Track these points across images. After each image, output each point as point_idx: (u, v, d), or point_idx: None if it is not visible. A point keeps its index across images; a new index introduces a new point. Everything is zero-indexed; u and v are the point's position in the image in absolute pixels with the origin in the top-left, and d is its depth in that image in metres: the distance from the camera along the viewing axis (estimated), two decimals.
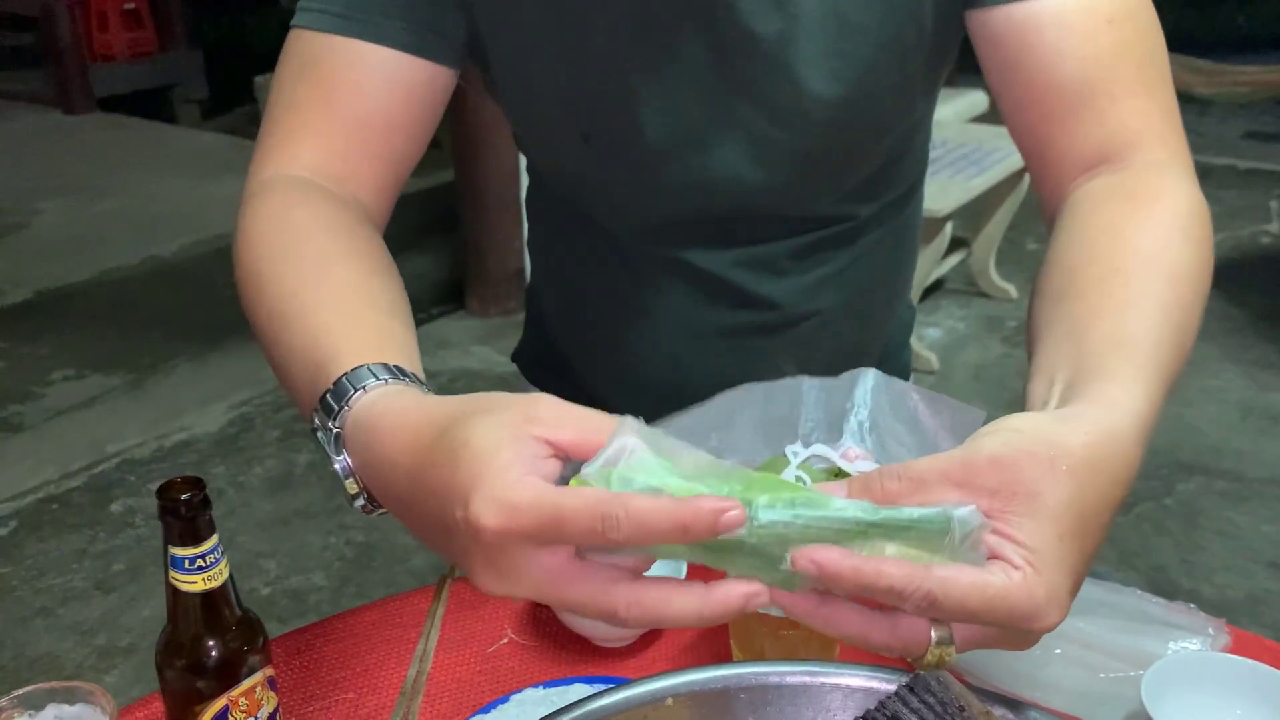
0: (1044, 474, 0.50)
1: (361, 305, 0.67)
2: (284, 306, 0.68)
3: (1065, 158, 0.77)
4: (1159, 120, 0.76)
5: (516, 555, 0.47)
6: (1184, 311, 0.65)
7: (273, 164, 0.78)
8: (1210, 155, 5.61)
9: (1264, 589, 2.44)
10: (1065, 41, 0.75)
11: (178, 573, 0.67)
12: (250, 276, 0.72)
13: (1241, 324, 3.73)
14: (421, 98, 0.81)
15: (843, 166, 0.88)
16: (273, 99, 0.81)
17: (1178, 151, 0.76)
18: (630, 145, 0.84)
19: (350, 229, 0.74)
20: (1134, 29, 0.76)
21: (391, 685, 0.85)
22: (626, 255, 0.94)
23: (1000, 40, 0.77)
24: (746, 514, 0.46)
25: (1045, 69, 0.76)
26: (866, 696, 0.55)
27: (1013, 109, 0.80)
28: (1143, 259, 0.66)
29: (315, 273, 0.69)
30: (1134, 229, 0.69)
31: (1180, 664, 0.78)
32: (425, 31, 0.79)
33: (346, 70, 0.78)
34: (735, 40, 0.78)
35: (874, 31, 0.78)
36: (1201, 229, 0.71)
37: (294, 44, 0.80)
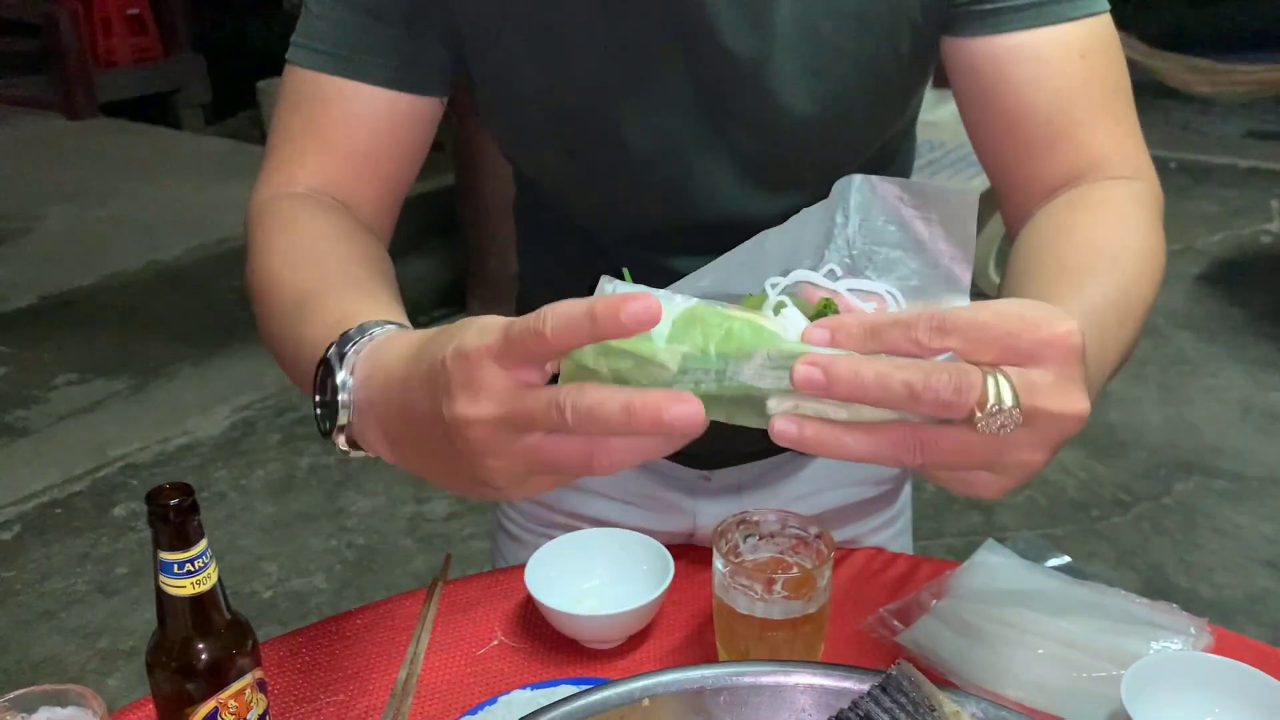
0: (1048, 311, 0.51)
1: (367, 295, 0.71)
2: (300, 301, 0.72)
3: (1033, 182, 0.79)
4: (1124, 144, 0.79)
5: (486, 372, 0.50)
6: (1119, 291, 0.68)
7: (273, 187, 0.83)
8: (1211, 154, 5.61)
9: (1262, 588, 2.44)
10: (1040, 74, 0.77)
11: (167, 577, 0.68)
12: (264, 280, 0.77)
13: (1241, 323, 3.73)
14: (409, 127, 0.85)
15: (823, 179, 0.89)
16: (272, 129, 0.86)
17: (1141, 169, 0.79)
18: (613, 160, 0.85)
19: (350, 233, 0.80)
20: (1104, 62, 0.78)
21: (382, 687, 0.86)
22: (613, 262, 0.94)
23: (976, 69, 0.79)
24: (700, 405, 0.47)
25: (1019, 99, 0.78)
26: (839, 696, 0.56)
27: (983, 134, 0.82)
28: (1092, 251, 0.70)
29: (326, 272, 0.74)
30: (1085, 228, 0.73)
31: (1161, 664, 0.79)
32: (409, 67, 0.83)
33: (337, 106, 0.82)
34: (713, 59, 0.80)
35: (850, 52, 0.79)
36: (1144, 222, 0.75)
37: (289, 79, 0.85)
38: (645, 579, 0.90)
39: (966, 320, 0.49)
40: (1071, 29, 0.77)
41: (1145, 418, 3.19)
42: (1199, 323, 3.76)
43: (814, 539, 0.82)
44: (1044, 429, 0.50)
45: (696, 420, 0.47)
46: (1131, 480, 2.88)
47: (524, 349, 0.49)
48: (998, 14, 0.77)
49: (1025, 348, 0.49)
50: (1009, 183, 0.82)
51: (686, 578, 0.92)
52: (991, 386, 0.48)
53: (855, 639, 0.89)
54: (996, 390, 0.48)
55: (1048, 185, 0.79)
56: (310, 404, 0.63)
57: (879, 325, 0.49)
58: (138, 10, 6.86)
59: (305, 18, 0.83)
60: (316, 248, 0.77)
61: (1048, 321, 0.50)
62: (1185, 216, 4.73)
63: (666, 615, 0.91)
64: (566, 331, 0.48)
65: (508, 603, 0.95)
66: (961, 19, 0.79)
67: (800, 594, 0.78)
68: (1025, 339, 0.49)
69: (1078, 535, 2.65)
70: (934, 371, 0.47)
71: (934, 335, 0.49)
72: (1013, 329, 0.49)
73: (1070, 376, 0.50)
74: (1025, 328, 0.49)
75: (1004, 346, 0.49)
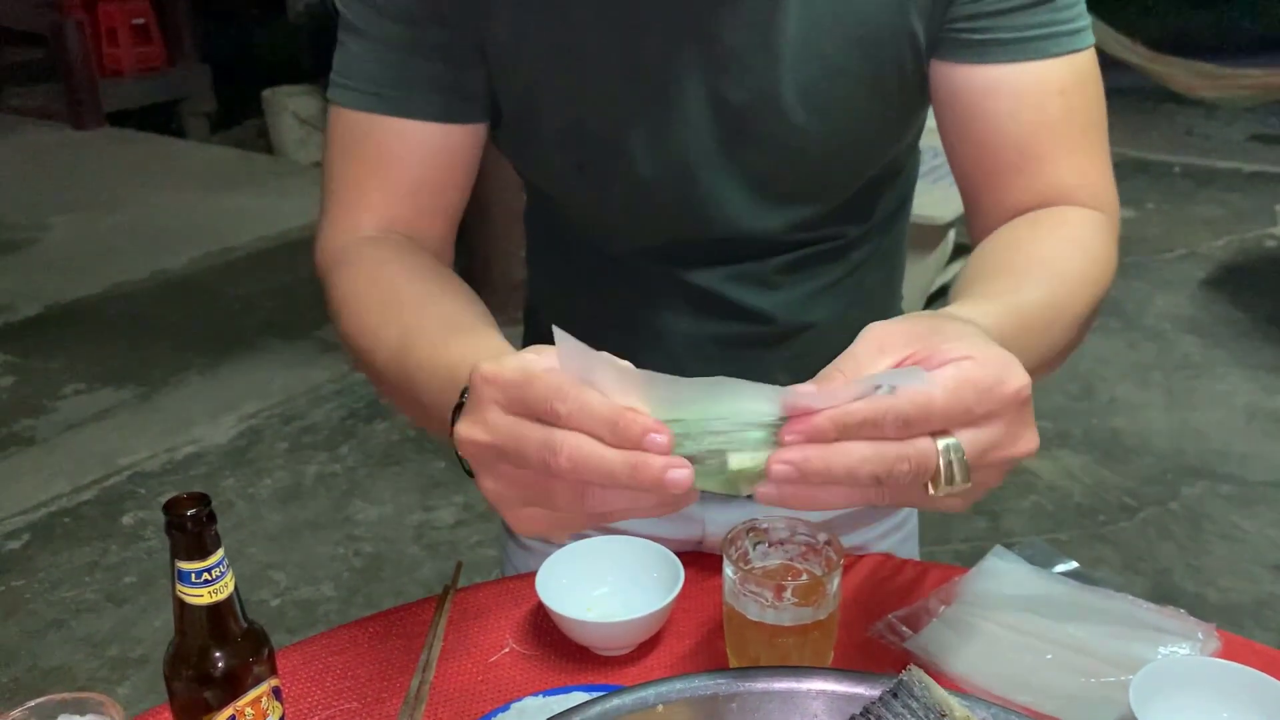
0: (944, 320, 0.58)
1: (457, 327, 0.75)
2: (402, 341, 0.75)
3: (1000, 206, 0.82)
4: (1090, 177, 0.82)
5: (490, 404, 0.55)
6: (1052, 302, 0.72)
7: (341, 233, 0.85)
8: (1216, 159, 5.61)
9: (1269, 592, 2.45)
10: (1016, 107, 0.80)
11: (185, 586, 0.69)
12: (359, 329, 0.80)
13: (1247, 328, 3.73)
14: (462, 155, 0.88)
15: (830, 194, 0.91)
16: (327, 174, 0.87)
17: (1105, 203, 0.82)
18: (625, 176, 0.87)
19: (429, 268, 0.83)
20: (1081, 99, 0.81)
21: (395, 694, 0.86)
22: (622, 272, 0.96)
23: (957, 95, 0.82)
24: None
25: (994, 129, 0.81)
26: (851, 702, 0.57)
27: (957, 156, 0.85)
28: (1036, 261, 0.75)
29: (420, 310, 0.78)
30: (1034, 243, 0.78)
31: (1169, 669, 0.80)
32: (453, 98, 0.85)
33: (392, 145, 0.85)
34: (724, 80, 0.82)
35: (855, 72, 0.81)
36: (1093, 247, 0.79)
37: (337, 121, 0.86)
38: (655, 586, 0.90)
39: (923, 409, 0.53)
40: (1053, 65, 0.80)
41: (1151, 423, 3.19)
42: (1204, 328, 3.76)
43: (823, 546, 0.83)
44: (998, 468, 0.56)
45: (687, 484, 0.52)
46: (1138, 485, 2.89)
47: (535, 410, 0.53)
48: (985, 45, 0.80)
49: (980, 413, 0.54)
50: (977, 204, 0.85)
51: (696, 585, 0.93)
52: (944, 468, 0.53)
53: (864, 645, 0.89)
54: (949, 472, 0.54)
55: (1013, 210, 0.82)
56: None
57: (849, 426, 0.53)
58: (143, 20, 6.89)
59: (344, 56, 0.85)
60: (401, 294, 0.79)
61: (999, 383, 0.54)
62: (1189, 221, 4.74)
63: (676, 622, 0.92)
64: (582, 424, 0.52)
65: (518, 610, 0.95)
66: (950, 44, 0.81)
67: (810, 600, 0.79)
68: (979, 410, 0.54)
69: (1084, 540, 2.65)
70: (896, 463, 0.53)
71: (900, 430, 0.53)
72: (967, 404, 0.54)
73: (1022, 422, 0.56)
74: (978, 398, 0.54)
75: (961, 420, 0.54)
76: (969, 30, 0.80)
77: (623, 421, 0.52)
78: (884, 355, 0.56)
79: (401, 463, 3.09)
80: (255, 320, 4.02)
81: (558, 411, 0.52)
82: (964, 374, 0.54)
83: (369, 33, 0.83)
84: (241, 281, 4.38)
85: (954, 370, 0.54)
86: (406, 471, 3.05)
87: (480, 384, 0.55)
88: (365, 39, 0.83)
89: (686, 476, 0.52)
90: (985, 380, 0.54)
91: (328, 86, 0.87)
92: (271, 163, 6.16)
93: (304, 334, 3.86)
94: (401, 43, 0.82)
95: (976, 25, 0.79)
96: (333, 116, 0.86)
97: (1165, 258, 4.31)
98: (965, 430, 0.54)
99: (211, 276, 4.46)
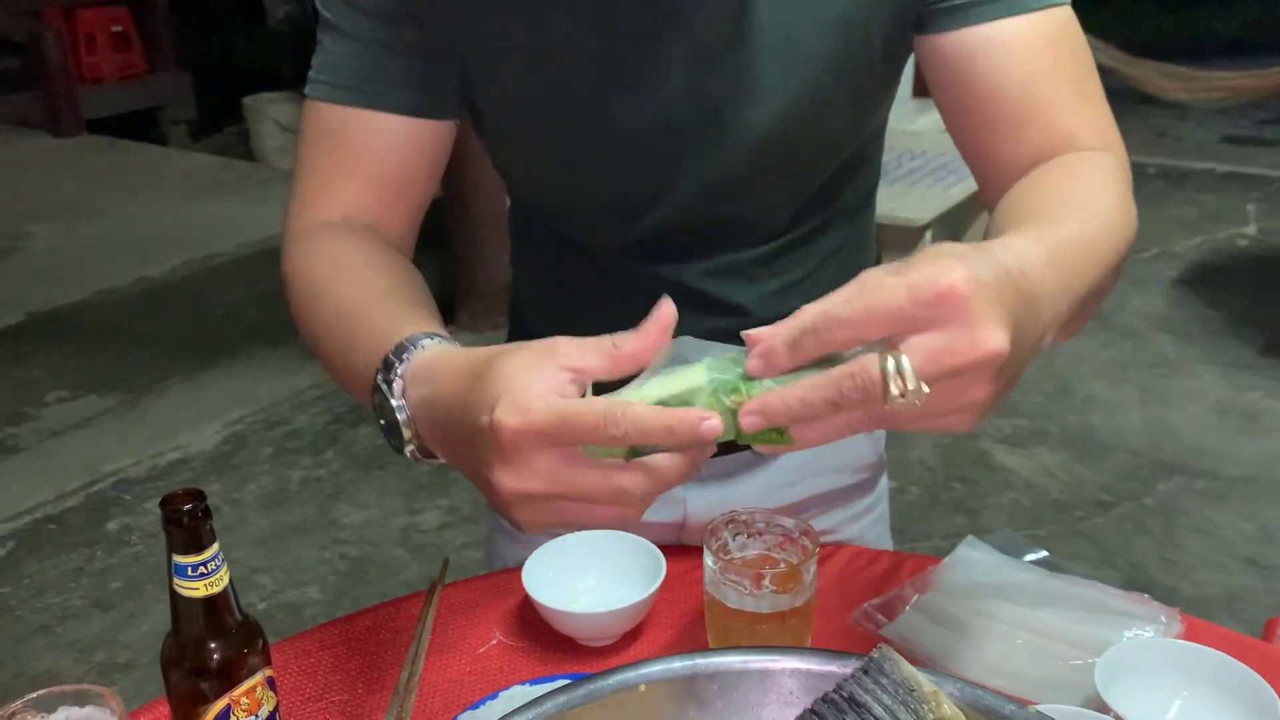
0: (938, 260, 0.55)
1: (404, 304, 0.77)
2: (346, 311, 0.78)
3: (1011, 161, 0.82)
4: (1094, 121, 0.83)
5: (530, 452, 0.56)
6: (1082, 232, 0.70)
7: (305, 218, 0.88)
8: (1189, 159, 5.69)
9: (1241, 584, 2.49)
10: (1008, 61, 0.81)
11: (181, 579, 0.71)
12: (309, 297, 0.83)
13: (1219, 326, 3.79)
14: (429, 150, 0.90)
15: (804, 182, 0.94)
16: (299, 162, 0.90)
17: (1113, 144, 0.83)
18: (607, 169, 0.90)
19: (382, 251, 0.85)
20: (1069, 48, 0.82)
21: (385, 686, 0.89)
22: (603, 269, 0.99)
23: (948, 63, 0.84)
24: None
25: (989, 86, 0.82)
26: (825, 679, 0.60)
27: (959, 123, 0.86)
28: (1065, 202, 0.74)
29: (366, 286, 0.80)
30: (1059, 186, 0.77)
31: (1133, 650, 0.83)
32: (425, 94, 0.87)
33: (362, 138, 0.87)
34: (699, 67, 0.84)
35: (828, 55, 0.84)
36: (1110, 180, 0.78)
37: (310, 113, 0.89)
38: (638, 578, 0.93)
39: (851, 313, 0.54)
40: (1035, 19, 0.81)
41: (1126, 420, 3.24)
42: (1178, 326, 3.82)
43: (799, 536, 0.86)
44: (969, 376, 0.54)
45: (719, 430, 0.55)
46: (1113, 481, 2.93)
47: (579, 437, 0.56)
48: (965, 9, 0.81)
49: (919, 316, 0.53)
50: (986, 165, 0.86)
51: (677, 577, 0.95)
52: (891, 374, 0.53)
53: (842, 632, 0.92)
54: (896, 377, 0.53)
55: (1023, 164, 0.81)
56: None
57: (797, 342, 0.56)
58: (122, 27, 6.88)
59: (321, 54, 0.87)
60: (350, 269, 0.81)
61: (931, 281, 0.53)
62: (1163, 221, 4.80)
63: (659, 613, 0.94)
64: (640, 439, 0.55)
65: (505, 604, 0.98)
66: (931, 17, 0.83)
67: (787, 588, 0.82)
68: (911, 310, 0.53)
69: (1061, 535, 2.69)
70: (841, 380, 0.54)
71: (842, 331, 0.55)
72: (899, 303, 0.53)
73: (971, 323, 0.53)
74: (910, 299, 0.53)
75: (894, 323, 0.54)
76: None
77: (675, 422, 0.55)
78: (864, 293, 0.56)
79: (386, 467, 3.11)
80: (239, 327, 4.03)
81: (613, 436, 0.55)
82: (893, 280, 0.54)
83: (347, 30, 0.85)
84: (225, 288, 4.38)
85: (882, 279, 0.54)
86: (391, 475, 3.07)
87: (514, 436, 0.56)
88: (343, 36, 0.86)
89: (718, 425, 0.55)
90: (916, 280, 0.53)
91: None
92: (253, 170, 6.16)
93: (287, 340, 3.86)
94: (378, 40, 0.85)
95: None
96: (307, 111, 0.89)
97: (1140, 257, 4.36)
98: (910, 336, 0.53)
99: (194, 283, 4.46)
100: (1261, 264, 4.35)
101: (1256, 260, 4.41)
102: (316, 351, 0.83)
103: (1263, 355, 3.55)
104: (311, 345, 0.83)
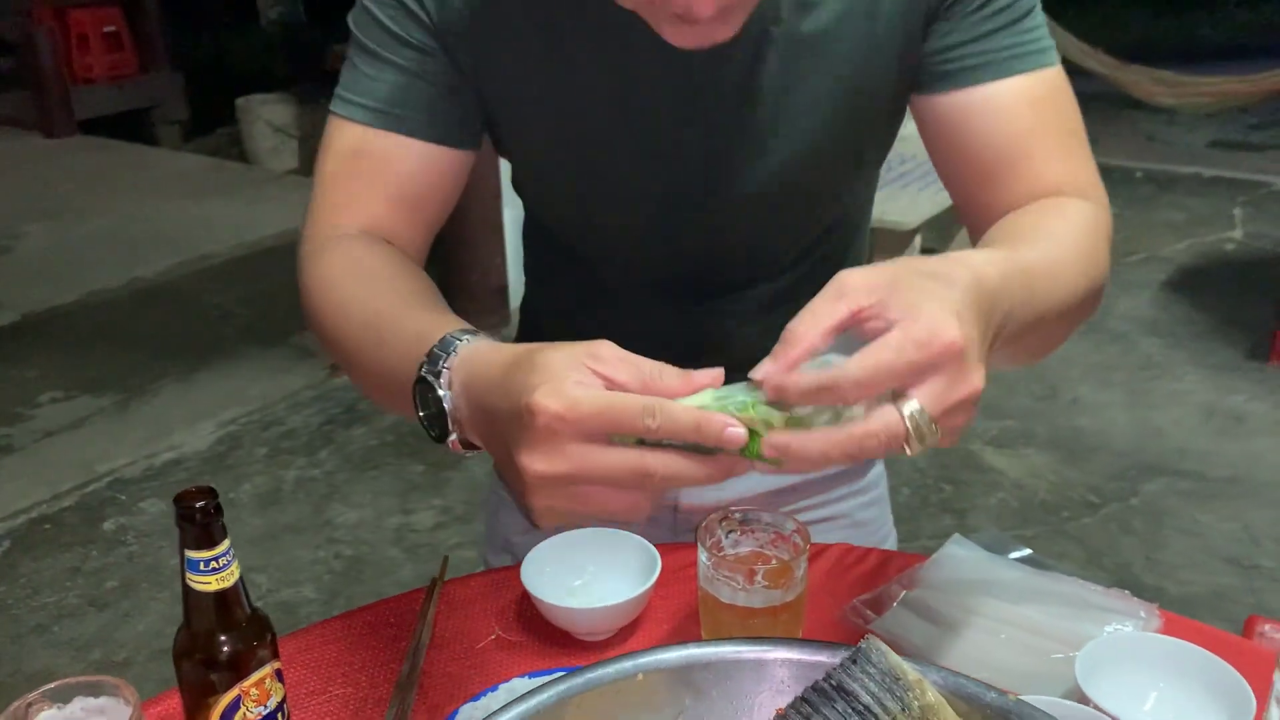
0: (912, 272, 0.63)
1: (434, 309, 0.81)
2: (373, 318, 0.81)
3: (997, 208, 0.89)
4: (1077, 174, 0.89)
5: (563, 437, 0.59)
6: (1049, 257, 0.77)
7: (325, 228, 0.91)
8: (1176, 164, 5.73)
9: (1225, 584, 2.52)
10: (999, 121, 0.88)
11: (193, 574, 0.73)
12: (333, 305, 0.86)
13: (1205, 329, 3.83)
14: (448, 175, 0.93)
15: (800, 227, 1.00)
16: (319, 178, 0.93)
17: (1094, 196, 0.89)
18: (622, 214, 0.96)
19: (399, 261, 0.89)
20: (1055, 106, 0.89)
21: (387, 680, 0.91)
22: (615, 296, 1.05)
23: (942, 122, 0.90)
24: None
25: (982, 143, 0.89)
26: (814, 669, 0.62)
27: (951, 172, 0.93)
28: (1036, 232, 0.81)
29: (395, 291, 0.83)
30: (1034, 220, 0.84)
31: (1113, 644, 0.85)
32: (450, 124, 0.91)
33: (385, 159, 0.90)
34: (714, 120, 0.89)
35: (831, 113, 0.89)
36: (1085, 222, 0.85)
37: (335, 130, 0.92)
38: (634, 575, 0.96)
39: (866, 374, 0.59)
40: (1022, 81, 0.87)
41: (1113, 422, 3.27)
42: (1164, 329, 3.86)
43: (791, 534, 0.88)
44: (963, 408, 0.61)
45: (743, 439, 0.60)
46: (1100, 482, 2.97)
47: (623, 429, 0.59)
48: (959, 73, 0.88)
49: (924, 367, 0.60)
50: (974, 209, 0.92)
51: (671, 574, 0.98)
52: (913, 430, 0.60)
53: (832, 627, 0.95)
54: (919, 432, 0.60)
55: (1006, 209, 0.88)
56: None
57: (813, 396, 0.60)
58: (114, 27, 6.88)
59: (352, 74, 0.91)
60: (377, 277, 0.84)
61: (931, 338, 0.59)
62: (1151, 225, 4.84)
63: (654, 609, 0.97)
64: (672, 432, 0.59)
65: (503, 600, 1.00)
66: (929, 79, 0.89)
67: (779, 583, 0.84)
68: (921, 364, 0.59)
69: (1048, 536, 2.72)
70: (866, 438, 0.59)
71: (852, 392, 0.59)
72: (911, 359, 0.59)
73: (963, 366, 0.60)
74: (919, 355, 0.59)
75: (904, 379, 0.60)
76: (943, 61, 0.88)
77: (704, 421, 0.59)
78: (841, 301, 0.61)
79: (380, 467, 3.13)
80: (232, 328, 4.05)
81: (649, 426, 0.58)
82: (901, 340, 0.59)
83: (381, 55, 0.89)
84: (218, 289, 4.39)
85: (894, 340, 0.59)
86: (385, 475, 3.09)
87: (553, 422, 0.59)
88: (376, 61, 0.89)
89: (742, 433, 0.59)
90: (918, 337, 0.59)
91: (301, 96, 0.94)
92: (245, 171, 6.17)
93: (281, 341, 3.88)
94: (410, 68, 0.88)
95: (950, 55, 0.87)
96: (332, 127, 0.92)
97: (1128, 261, 4.40)
98: (919, 388, 0.60)
99: (188, 284, 4.47)
100: (1247, 268, 4.40)
101: (1242, 264, 4.46)
102: (340, 352, 0.85)
103: (1248, 358, 3.59)
104: (334, 347, 0.86)
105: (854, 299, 0.61)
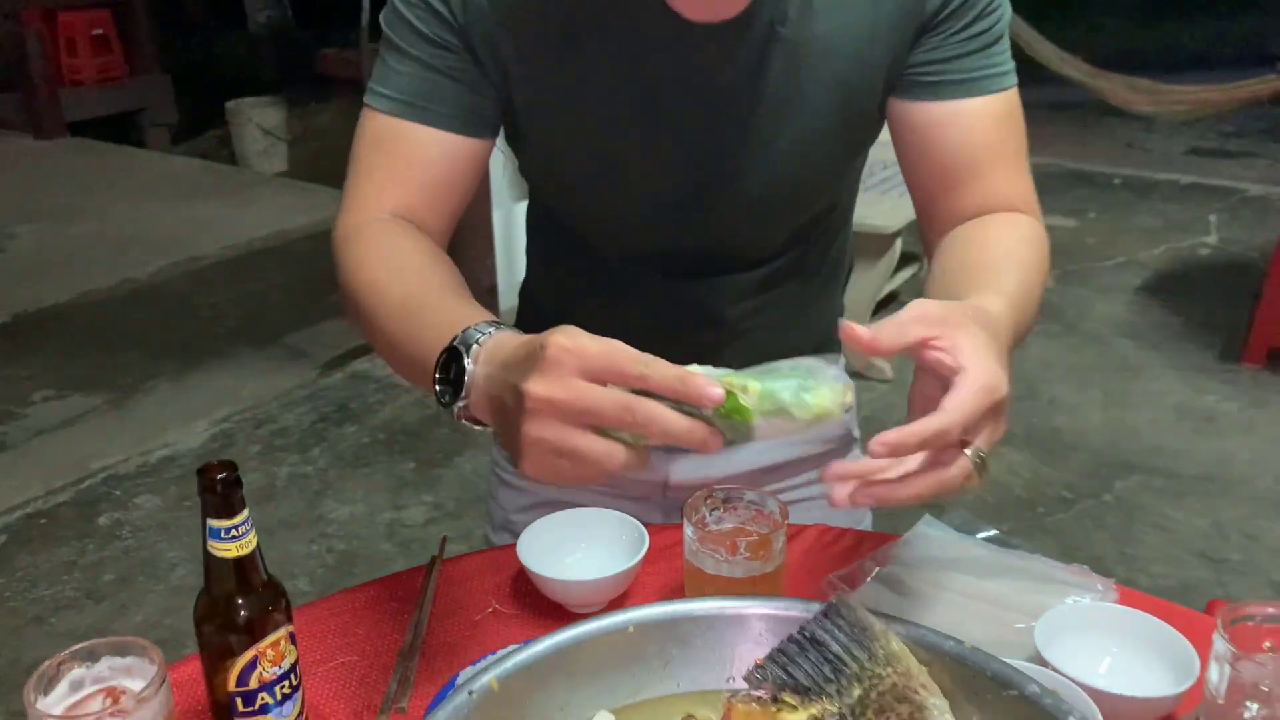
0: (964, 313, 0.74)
1: (466, 300, 0.87)
2: (411, 306, 0.87)
3: (954, 212, 0.99)
4: (1022, 190, 1.00)
5: (568, 368, 0.66)
6: (1025, 286, 0.89)
7: (359, 213, 0.97)
8: (1154, 171, 5.82)
9: (1196, 577, 2.59)
10: (966, 134, 0.97)
11: (214, 541, 0.78)
12: (367, 286, 0.92)
13: (1178, 331, 3.91)
14: (470, 163, 1.00)
15: (794, 217, 1.08)
16: (352, 165, 1.00)
17: (1035, 211, 1.00)
18: (636, 202, 1.03)
19: (430, 248, 0.95)
20: (1014, 124, 0.99)
21: (391, 649, 0.96)
22: (610, 268, 1.11)
23: (914, 128, 0.99)
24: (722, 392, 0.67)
25: (948, 153, 0.98)
26: (789, 624, 0.68)
27: (916, 178, 1.02)
28: (1004, 256, 0.92)
29: (428, 283, 0.90)
30: (995, 241, 0.94)
31: (1070, 613, 0.91)
32: (472, 116, 0.98)
33: (412, 148, 0.97)
34: (721, 122, 0.97)
35: (827, 112, 0.97)
36: (1037, 242, 0.96)
37: (368, 121, 0.99)
38: (624, 551, 1.01)
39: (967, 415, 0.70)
40: (992, 100, 0.97)
41: (1089, 421, 3.35)
42: (1140, 332, 3.94)
43: (770, 511, 0.95)
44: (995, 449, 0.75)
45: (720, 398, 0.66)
46: (1075, 479, 3.03)
47: (620, 373, 0.66)
48: (939, 85, 0.96)
49: (987, 413, 0.71)
50: (931, 211, 1.02)
51: (657, 552, 1.03)
52: (977, 468, 0.72)
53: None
54: (981, 470, 0.73)
55: (963, 215, 0.98)
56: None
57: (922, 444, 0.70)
58: (103, 30, 6.89)
59: (383, 69, 0.97)
60: (412, 261, 0.91)
61: (995, 390, 0.71)
62: (1129, 230, 4.93)
63: (641, 583, 1.03)
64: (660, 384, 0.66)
65: (499, 576, 1.05)
66: (909, 85, 0.97)
67: (759, 555, 0.90)
68: (986, 410, 0.71)
69: (1024, 531, 2.79)
70: (946, 481, 0.72)
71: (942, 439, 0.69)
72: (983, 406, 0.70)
73: (1003, 416, 0.73)
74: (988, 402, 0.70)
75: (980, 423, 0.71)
76: (925, 73, 0.96)
77: (687, 375, 0.66)
78: (918, 325, 0.71)
79: (371, 464, 3.17)
80: (224, 328, 4.08)
81: (643, 373, 0.65)
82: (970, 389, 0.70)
83: (409, 52, 0.96)
84: (209, 290, 4.43)
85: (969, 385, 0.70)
86: (376, 472, 3.14)
87: (560, 353, 0.66)
88: (405, 58, 0.96)
89: (720, 393, 0.66)
90: (989, 388, 0.70)
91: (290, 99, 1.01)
92: (235, 173, 6.20)
93: (272, 341, 3.92)
94: (435, 65, 0.95)
95: (931, 69, 0.96)
96: (365, 118, 0.99)
97: (1105, 265, 4.49)
98: (980, 433, 0.71)
99: (179, 285, 4.50)
100: (1221, 273, 4.48)
101: (1217, 269, 4.54)
102: (373, 330, 0.91)
103: (1220, 360, 3.67)
104: (368, 325, 0.92)
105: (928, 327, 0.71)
